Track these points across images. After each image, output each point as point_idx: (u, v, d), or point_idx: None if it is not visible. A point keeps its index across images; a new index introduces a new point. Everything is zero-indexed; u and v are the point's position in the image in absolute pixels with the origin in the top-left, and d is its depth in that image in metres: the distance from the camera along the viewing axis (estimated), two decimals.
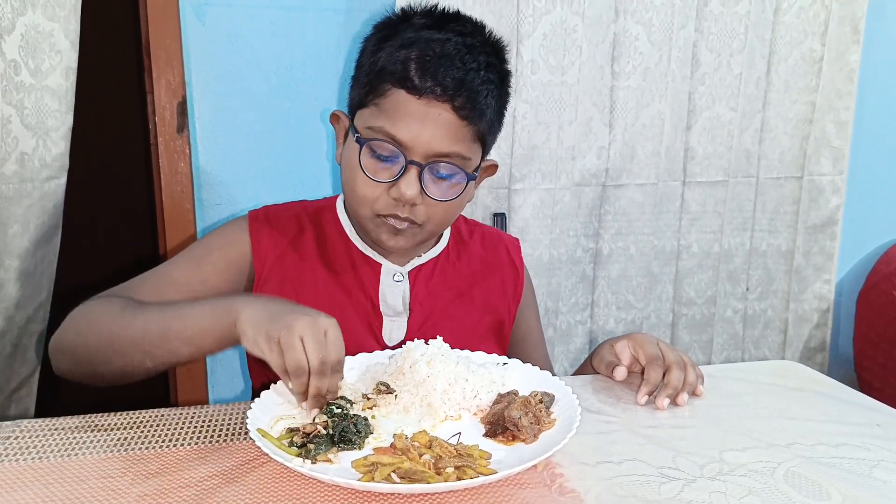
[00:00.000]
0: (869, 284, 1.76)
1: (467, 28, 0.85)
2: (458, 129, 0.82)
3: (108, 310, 0.80)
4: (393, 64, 0.81)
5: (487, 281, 1.00)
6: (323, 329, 0.68)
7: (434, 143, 0.81)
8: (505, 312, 1.01)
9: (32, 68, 1.14)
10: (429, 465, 0.62)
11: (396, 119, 0.81)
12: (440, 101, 0.80)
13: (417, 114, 0.81)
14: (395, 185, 0.82)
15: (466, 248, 1.01)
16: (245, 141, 1.43)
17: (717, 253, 1.67)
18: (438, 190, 0.84)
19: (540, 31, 1.44)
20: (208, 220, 1.44)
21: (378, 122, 0.82)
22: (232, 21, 1.38)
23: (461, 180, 0.85)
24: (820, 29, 1.60)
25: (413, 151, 0.81)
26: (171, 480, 0.61)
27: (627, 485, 0.62)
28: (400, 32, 0.83)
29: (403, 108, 0.81)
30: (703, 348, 1.72)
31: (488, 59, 0.84)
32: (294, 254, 0.93)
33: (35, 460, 0.64)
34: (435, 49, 0.81)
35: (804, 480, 0.63)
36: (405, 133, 0.81)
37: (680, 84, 1.55)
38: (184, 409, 0.76)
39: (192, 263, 0.91)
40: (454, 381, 0.73)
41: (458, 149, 0.83)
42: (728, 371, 0.93)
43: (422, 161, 0.82)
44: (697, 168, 1.62)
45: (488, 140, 0.88)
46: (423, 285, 0.94)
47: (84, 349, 0.79)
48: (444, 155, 0.82)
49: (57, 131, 1.18)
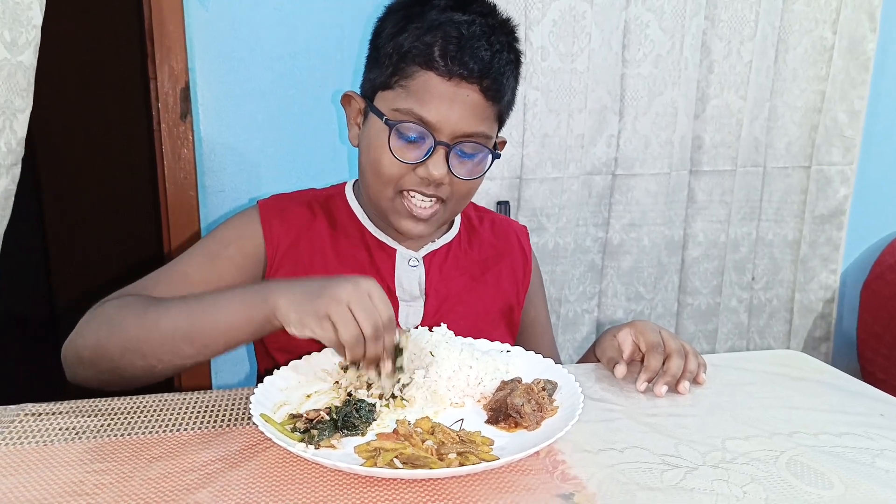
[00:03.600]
0: (874, 275, 1.75)
1: (486, 9, 0.87)
2: (484, 108, 0.84)
3: (130, 311, 0.78)
4: (420, 46, 0.82)
5: (498, 266, 1.01)
6: (366, 292, 0.68)
7: (462, 124, 0.83)
8: (514, 298, 1.02)
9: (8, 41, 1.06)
10: (431, 451, 0.62)
11: (426, 101, 0.82)
12: (469, 83, 0.82)
13: (447, 95, 0.82)
14: (422, 165, 0.83)
15: (477, 234, 1.02)
16: (248, 127, 1.42)
17: (723, 243, 1.66)
18: (465, 169, 0.86)
19: (549, 17, 1.42)
20: (211, 207, 1.44)
21: (406, 104, 0.83)
22: (235, 7, 1.37)
23: (485, 158, 0.87)
24: (831, 17, 1.58)
25: (441, 132, 0.82)
26: (175, 464, 0.61)
27: (630, 472, 0.62)
28: (423, 14, 0.84)
29: (433, 89, 0.82)
30: (707, 338, 1.72)
31: (508, 40, 0.86)
32: (306, 240, 0.92)
33: (39, 444, 0.65)
34: (462, 31, 0.82)
35: (806, 469, 0.63)
36: (434, 114, 0.82)
37: (692, 72, 1.53)
38: (187, 393, 0.76)
39: (206, 259, 0.89)
40: (458, 368, 0.73)
41: (482, 128, 0.85)
42: (732, 360, 0.92)
43: (449, 141, 0.83)
44: (705, 157, 1.61)
45: (505, 118, 0.91)
46: (437, 270, 0.95)
47: (106, 354, 0.76)
48: (470, 135, 0.84)
49: (23, 113, 1.10)
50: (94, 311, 0.81)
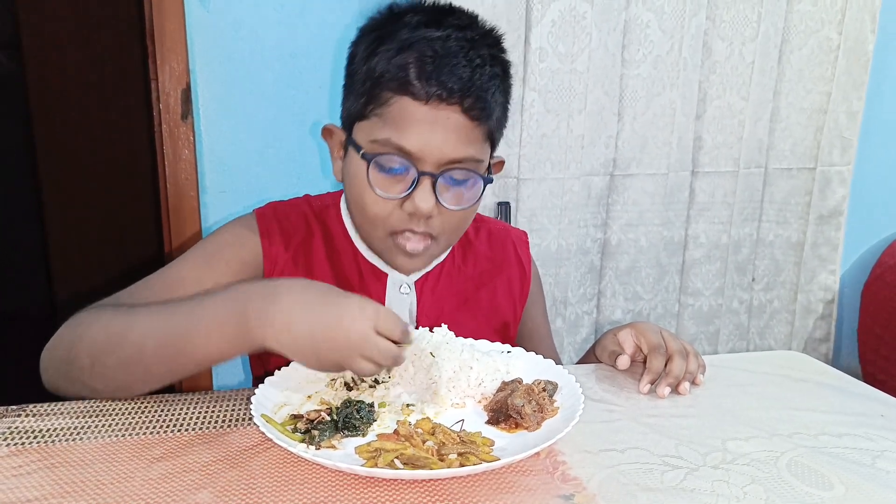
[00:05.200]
0: (874, 276, 1.75)
1: (464, 21, 0.80)
2: (469, 130, 0.77)
3: (96, 323, 0.72)
4: (392, 69, 0.76)
5: (494, 282, 0.97)
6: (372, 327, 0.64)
7: (446, 150, 0.76)
8: (510, 314, 0.98)
9: None
10: (432, 451, 0.62)
11: (403, 128, 0.76)
12: (449, 105, 0.75)
13: (426, 120, 0.75)
14: (408, 198, 0.77)
15: (472, 247, 0.97)
16: (249, 128, 1.42)
17: (725, 244, 1.66)
18: (454, 198, 0.80)
19: (549, 17, 1.42)
20: (213, 208, 1.44)
21: (383, 134, 0.77)
22: (236, 7, 1.37)
23: (477, 184, 0.80)
24: (836, 17, 1.57)
25: (424, 161, 0.76)
26: (176, 465, 0.61)
27: (630, 473, 0.62)
28: (394, 34, 0.77)
29: (410, 115, 0.76)
30: (709, 339, 1.72)
31: (490, 52, 0.79)
32: (304, 258, 0.89)
33: (40, 444, 0.65)
34: (436, 48, 0.75)
35: (807, 470, 0.63)
36: (414, 143, 0.76)
37: (691, 73, 1.53)
38: (188, 394, 0.76)
39: (203, 261, 0.85)
40: (459, 369, 0.73)
41: (470, 152, 0.78)
42: (732, 361, 0.92)
43: (434, 170, 0.77)
44: (707, 158, 1.60)
45: (496, 137, 0.84)
46: (429, 294, 0.91)
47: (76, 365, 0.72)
48: (457, 161, 0.77)
49: None
50: (74, 318, 0.76)
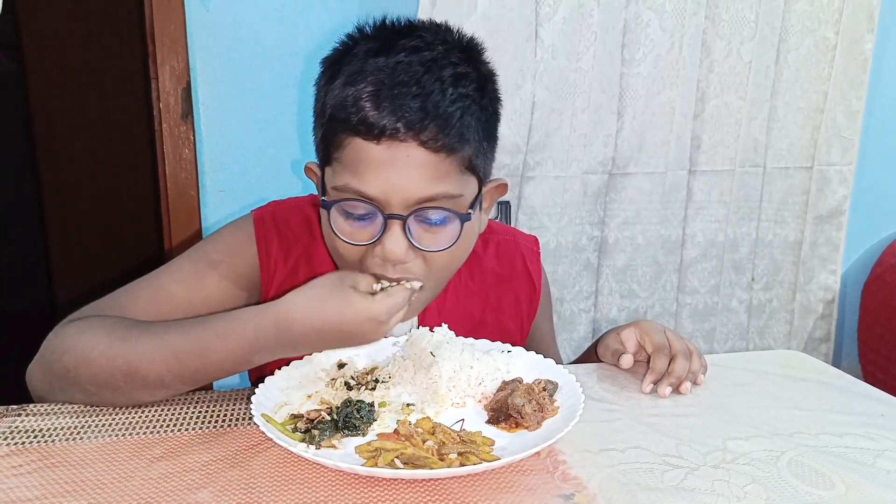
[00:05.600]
0: (874, 275, 1.75)
1: (424, 40, 0.71)
2: (436, 165, 0.70)
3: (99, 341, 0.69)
4: (342, 108, 0.70)
5: (500, 300, 0.92)
6: None
7: (412, 190, 0.69)
8: (517, 333, 0.94)
9: None
10: (432, 451, 0.62)
11: (361, 172, 0.69)
12: (403, 141, 0.68)
13: (383, 162, 0.69)
14: (378, 244, 0.71)
15: (480, 262, 0.91)
16: (249, 127, 1.42)
17: (721, 242, 1.66)
18: (432, 239, 0.73)
19: (560, 14, 1.42)
20: (212, 207, 1.44)
21: (342, 180, 0.71)
22: (236, 7, 1.37)
23: (455, 223, 0.73)
24: (834, 17, 1.57)
25: (389, 205, 0.70)
26: (176, 464, 0.61)
27: (630, 472, 0.62)
28: (344, 66, 0.72)
29: (365, 158, 0.69)
30: (705, 337, 1.72)
31: (456, 71, 0.71)
32: (306, 268, 0.84)
33: (40, 444, 0.65)
34: (384, 80, 0.68)
35: (808, 469, 0.63)
36: (375, 187, 0.69)
37: (690, 72, 1.53)
38: (188, 394, 0.76)
39: (194, 277, 0.79)
40: (459, 368, 0.73)
41: (442, 189, 0.70)
42: (733, 360, 0.92)
43: (402, 213, 0.70)
44: (704, 157, 1.60)
45: (479, 164, 0.75)
46: (434, 316, 0.86)
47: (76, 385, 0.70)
48: (429, 199, 0.70)
49: None
50: (60, 330, 0.73)
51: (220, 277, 0.80)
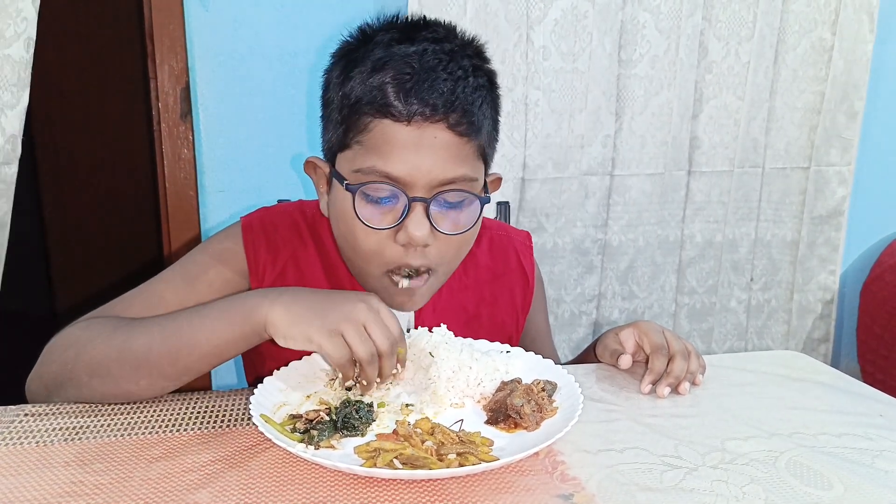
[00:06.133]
0: (873, 275, 1.75)
1: (441, 33, 0.75)
2: (459, 148, 0.73)
3: (98, 332, 0.72)
4: (369, 92, 0.71)
5: (495, 295, 0.94)
6: (377, 310, 0.67)
7: (436, 172, 0.72)
8: (513, 327, 0.96)
9: None
10: (431, 451, 0.62)
11: (387, 154, 0.71)
12: (433, 123, 0.71)
13: (411, 142, 0.71)
14: (400, 228, 0.73)
15: (473, 258, 0.91)
16: (248, 127, 1.42)
17: (720, 242, 1.67)
18: (451, 223, 0.75)
19: (551, 16, 1.42)
20: (211, 207, 1.44)
21: (367, 163, 0.72)
22: (236, 7, 1.37)
23: (473, 205, 0.76)
24: (830, 18, 1.58)
25: (413, 187, 0.72)
26: (175, 465, 0.61)
27: (629, 473, 0.62)
28: (367, 55, 0.73)
29: (392, 139, 0.71)
30: (703, 337, 1.72)
31: (472, 63, 0.75)
32: (295, 271, 0.85)
33: (38, 444, 0.65)
34: (413, 65, 0.71)
35: (806, 470, 0.63)
36: (401, 168, 0.71)
37: (688, 73, 1.54)
38: (187, 394, 0.76)
39: (185, 284, 0.82)
40: (458, 368, 0.73)
41: (463, 171, 0.73)
42: (732, 361, 0.92)
43: (426, 195, 0.72)
44: (703, 158, 1.61)
45: (489, 154, 0.79)
46: (430, 311, 0.87)
47: (72, 379, 0.71)
48: (450, 181, 0.73)
49: (13, 109, 1.09)
50: (57, 337, 0.75)
51: (209, 282, 0.82)
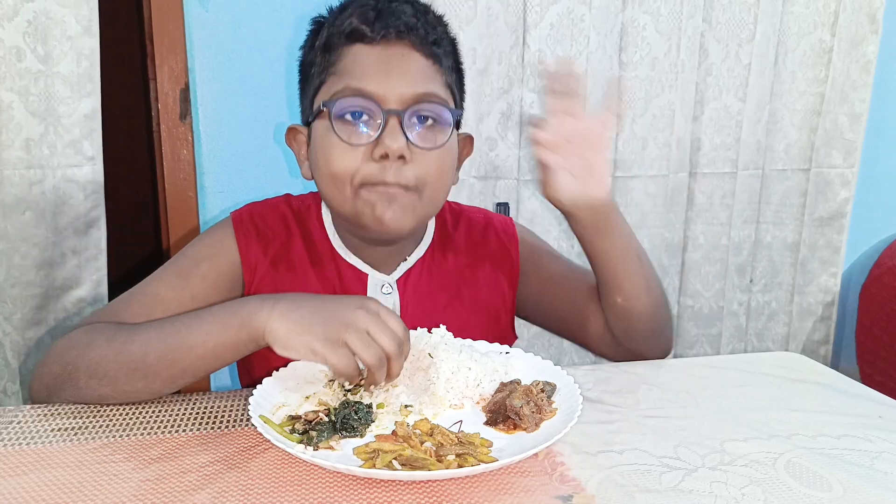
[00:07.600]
0: (872, 277, 1.75)
1: None
2: (426, 68, 0.79)
3: (98, 335, 0.73)
4: (339, 27, 0.79)
5: (476, 276, 0.94)
6: (376, 312, 0.67)
7: (406, 86, 0.77)
8: (500, 305, 0.96)
9: (42, 55, 1.16)
10: (430, 452, 0.62)
11: (360, 73, 0.77)
12: (399, 41, 0.78)
13: (381, 59, 0.77)
14: (377, 143, 0.76)
15: (451, 240, 0.94)
16: (248, 128, 1.42)
17: (724, 245, 1.66)
18: (425, 138, 0.79)
19: (547, 20, 1.43)
20: (211, 208, 1.44)
21: (342, 84, 0.78)
22: (235, 7, 1.37)
23: (446, 122, 0.80)
24: (829, 19, 1.58)
25: (387, 100, 0.77)
26: (173, 466, 0.61)
27: (628, 474, 0.62)
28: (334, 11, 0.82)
29: (365, 59, 0.78)
30: (711, 342, 1.72)
31: (436, 15, 0.83)
32: (285, 262, 0.87)
33: (38, 444, 0.65)
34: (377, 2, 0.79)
35: (805, 471, 0.63)
36: (373, 84, 0.76)
37: (688, 75, 1.54)
38: (186, 395, 0.76)
39: (179, 279, 0.83)
40: (457, 369, 0.73)
41: (433, 87, 0.79)
42: (731, 362, 0.92)
43: (400, 108, 0.77)
44: (705, 160, 1.61)
45: (456, 92, 0.84)
46: (412, 293, 0.89)
47: (71, 379, 0.72)
48: (421, 96, 0.78)
49: (69, 118, 1.21)
50: (62, 339, 0.76)
51: (202, 276, 0.84)
